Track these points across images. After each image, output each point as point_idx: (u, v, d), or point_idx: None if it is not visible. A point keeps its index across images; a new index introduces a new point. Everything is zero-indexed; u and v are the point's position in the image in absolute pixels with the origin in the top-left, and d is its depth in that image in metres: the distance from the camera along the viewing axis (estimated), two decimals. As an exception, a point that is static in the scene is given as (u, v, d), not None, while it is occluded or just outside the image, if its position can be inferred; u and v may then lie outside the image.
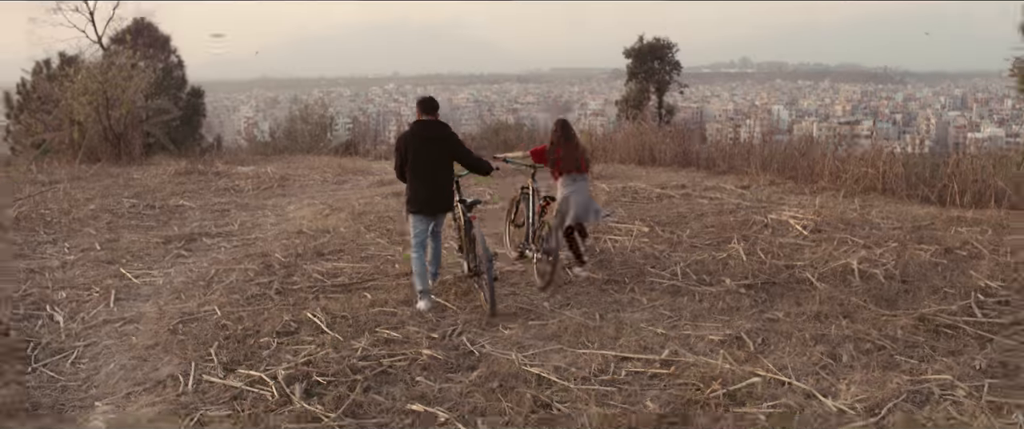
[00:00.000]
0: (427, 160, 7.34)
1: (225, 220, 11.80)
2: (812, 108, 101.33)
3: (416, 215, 7.48)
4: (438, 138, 7.43)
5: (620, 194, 13.23)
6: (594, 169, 16.44)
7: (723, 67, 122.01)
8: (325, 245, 9.86)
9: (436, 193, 7.42)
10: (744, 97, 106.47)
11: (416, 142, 7.36)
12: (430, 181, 7.37)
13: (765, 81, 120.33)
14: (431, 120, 7.48)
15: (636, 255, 9.18)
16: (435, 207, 7.47)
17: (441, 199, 7.47)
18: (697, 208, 12.08)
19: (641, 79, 41.90)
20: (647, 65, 41.77)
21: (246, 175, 17.01)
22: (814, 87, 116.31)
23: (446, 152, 7.45)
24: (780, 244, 9.66)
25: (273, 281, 8.19)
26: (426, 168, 7.34)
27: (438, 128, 7.50)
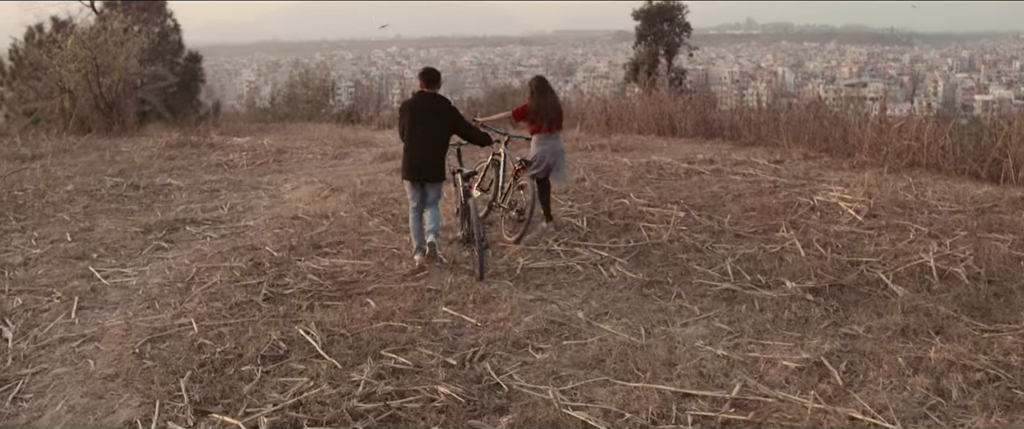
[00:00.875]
0: (421, 131, 7.46)
1: (214, 203, 10.61)
2: (818, 70, 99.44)
3: (407, 181, 7.70)
4: (436, 111, 7.54)
5: (645, 170, 12.01)
6: (612, 140, 15.22)
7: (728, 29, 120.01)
8: (323, 235, 8.67)
9: (424, 163, 7.49)
10: (750, 59, 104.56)
11: (414, 112, 7.52)
12: (420, 151, 7.48)
13: (771, 43, 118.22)
14: (431, 93, 7.61)
15: (675, 247, 7.99)
16: (422, 175, 7.54)
17: (429, 169, 7.52)
18: (732, 187, 10.87)
19: (650, 42, 40.48)
20: (656, 27, 40.29)
21: (241, 147, 15.79)
22: (820, 49, 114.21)
23: (442, 125, 7.55)
24: (835, 233, 8.47)
25: (262, 283, 7.02)
26: (419, 138, 7.47)
27: (437, 101, 7.61)
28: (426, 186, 7.60)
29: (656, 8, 39.73)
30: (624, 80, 44.89)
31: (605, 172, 11.98)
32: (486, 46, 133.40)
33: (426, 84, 7.58)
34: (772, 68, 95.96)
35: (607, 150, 14.29)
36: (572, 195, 10.36)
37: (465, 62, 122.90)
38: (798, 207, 9.61)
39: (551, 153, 8.63)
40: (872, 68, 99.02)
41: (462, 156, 8.67)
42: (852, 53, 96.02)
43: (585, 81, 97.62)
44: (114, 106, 21.67)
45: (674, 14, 40.20)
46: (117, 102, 22.20)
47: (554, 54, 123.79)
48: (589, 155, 13.81)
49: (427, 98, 7.57)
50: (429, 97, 7.57)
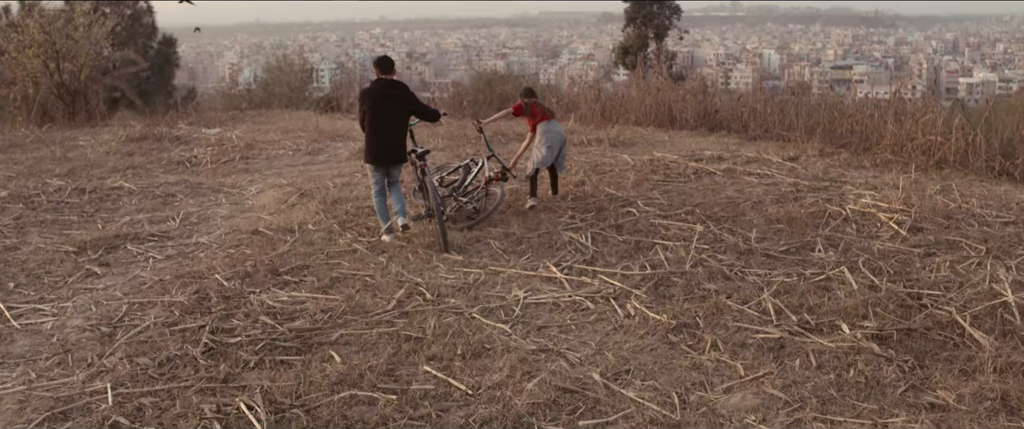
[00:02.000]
0: (385, 117, 7.67)
1: (166, 212, 9.23)
2: (803, 52, 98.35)
3: (371, 166, 7.87)
4: (395, 96, 7.73)
5: (650, 170, 10.71)
6: (610, 133, 13.91)
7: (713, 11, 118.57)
8: (285, 257, 7.33)
9: (390, 147, 7.73)
10: (735, 41, 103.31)
11: (375, 99, 7.68)
12: (385, 136, 7.69)
13: (756, 24, 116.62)
14: (388, 79, 7.78)
15: (700, 274, 6.70)
16: (387, 159, 7.80)
17: (393, 152, 7.77)
18: (749, 191, 9.60)
19: (639, 24, 39.17)
20: (646, 9, 38.98)
21: (208, 141, 14.38)
22: (805, 31, 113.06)
23: (402, 109, 7.79)
24: (879, 252, 7.22)
25: (204, 328, 5.67)
26: (383, 124, 7.67)
27: (395, 87, 7.80)
28: (391, 168, 7.89)
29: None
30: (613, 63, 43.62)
31: (606, 172, 10.68)
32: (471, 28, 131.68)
33: (382, 71, 7.81)
34: (757, 50, 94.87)
35: (605, 145, 12.98)
36: (572, 202, 9.06)
37: (450, 44, 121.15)
38: (829, 217, 8.35)
39: (558, 140, 9.07)
40: (857, 50, 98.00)
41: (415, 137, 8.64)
42: (837, 35, 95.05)
43: (570, 63, 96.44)
44: (77, 95, 20.17)
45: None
46: (82, 90, 20.72)
47: (539, 36, 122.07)
48: (586, 151, 12.51)
49: (385, 85, 7.74)
50: (387, 83, 7.75)
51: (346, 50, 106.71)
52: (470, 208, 8.58)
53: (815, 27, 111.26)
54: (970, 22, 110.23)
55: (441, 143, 13.51)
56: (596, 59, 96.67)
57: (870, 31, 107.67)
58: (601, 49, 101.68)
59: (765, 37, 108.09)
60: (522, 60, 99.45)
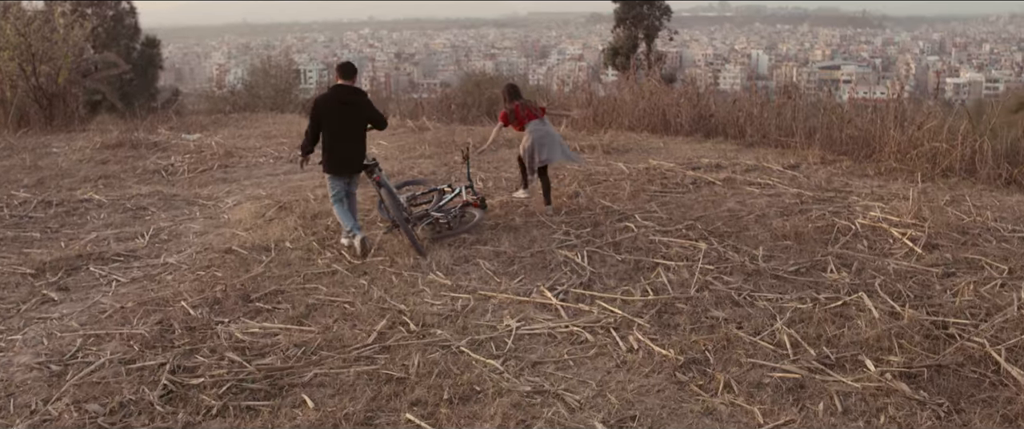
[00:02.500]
0: (344, 123, 7.41)
1: (135, 228, 8.65)
2: (791, 53, 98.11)
3: (333, 176, 7.59)
4: (355, 103, 7.47)
5: (646, 180, 10.19)
6: (603, 139, 13.40)
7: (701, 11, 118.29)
8: (259, 279, 6.78)
9: (351, 155, 7.51)
10: (723, 41, 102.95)
11: (334, 106, 7.39)
12: (348, 144, 7.47)
13: (744, 25, 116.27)
14: (348, 85, 7.49)
15: (706, 299, 6.18)
16: (350, 168, 7.60)
17: (356, 160, 7.59)
18: (751, 203, 9.11)
19: (629, 25, 38.68)
20: (636, 10, 38.49)
21: (186, 148, 13.79)
22: (793, 31, 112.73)
23: (362, 116, 7.54)
24: (896, 272, 6.72)
25: (164, 367, 5.11)
26: (342, 131, 7.42)
27: (354, 93, 7.52)
28: (352, 178, 7.70)
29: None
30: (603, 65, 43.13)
31: (601, 182, 10.17)
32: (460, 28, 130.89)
33: (343, 77, 7.50)
34: (746, 51, 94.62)
35: (598, 152, 12.47)
36: (566, 216, 8.54)
37: (438, 44, 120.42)
38: (838, 233, 7.85)
39: (549, 138, 8.71)
40: (845, 51, 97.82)
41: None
42: (825, 35, 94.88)
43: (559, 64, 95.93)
44: (55, 98, 19.54)
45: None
46: (61, 93, 20.08)
47: (528, 36, 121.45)
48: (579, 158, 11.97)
49: (347, 91, 7.46)
50: (347, 90, 7.47)
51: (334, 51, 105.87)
52: (442, 223, 8.11)
53: (803, 27, 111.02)
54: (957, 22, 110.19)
55: (428, 149, 12.97)
56: (585, 60, 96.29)
57: (857, 31, 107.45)
58: (590, 50, 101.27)
59: (753, 37, 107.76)
60: (511, 61, 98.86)
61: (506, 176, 10.68)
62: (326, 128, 7.41)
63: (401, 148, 13.27)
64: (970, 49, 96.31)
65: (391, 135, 15.04)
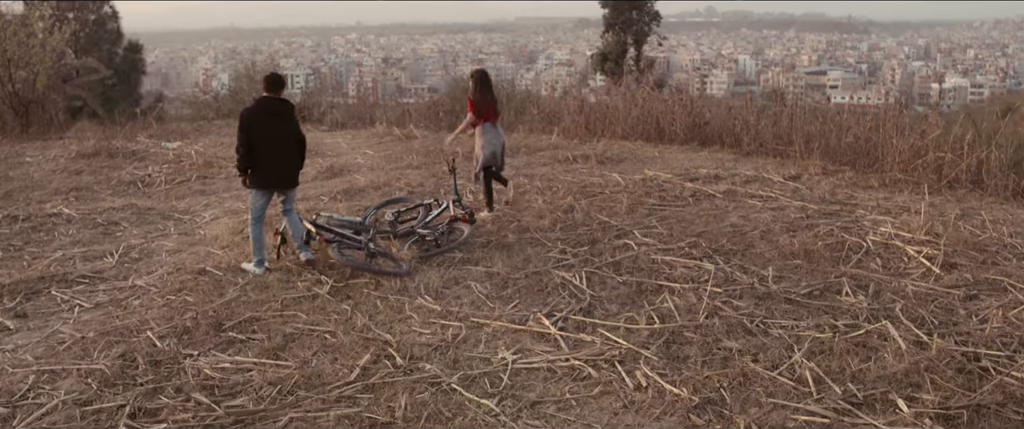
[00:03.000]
0: (275, 135, 7.07)
1: (105, 245, 8.11)
2: (778, 58, 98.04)
3: (258, 190, 7.17)
4: (284, 114, 7.19)
5: (643, 193, 9.72)
6: (596, 148, 12.93)
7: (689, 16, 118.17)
8: (233, 305, 6.26)
9: (286, 169, 7.21)
10: (710, 47, 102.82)
11: (263, 116, 7.05)
12: (279, 157, 7.12)
13: (731, 30, 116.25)
14: (276, 97, 7.16)
15: (716, 326, 5.70)
16: (282, 183, 7.26)
17: (288, 174, 7.25)
18: (755, 217, 8.65)
19: (618, 30, 38.30)
20: (625, 15, 38.15)
21: (165, 157, 13.24)
22: (779, 37, 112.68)
23: (291, 129, 7.22)
24: (916, 295, 6.27)
25: (123, 409, 4.59)
26: (273, 143, 7.06)
27: (284, 105, 7.23)
28: (286, 193, 7.31)
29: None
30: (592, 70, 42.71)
31: (596, 195, 9.69)
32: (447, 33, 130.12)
33: (269, 89, 7.13)
34: (733, 56, 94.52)
35: (592, 162, 12.00)
36: (562, 232, 8.06)
37: (426, 49, 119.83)
38: (849, 250, 7.40)
39: (500, 144, 8.69)
40: (831, 56, 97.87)
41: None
42: (811, 41, 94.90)
43: (547, 69, 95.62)
44: (32, 105, 18.95)
45: (643, 2, 38.04)
46: (40, 100, 19.48)
47: (516, 41, 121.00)
48: (573, 169, 11.51)
49: (274, 103, 7.12)
50: (276, 102, 7.13)
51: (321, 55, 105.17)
52: (429, 240, 7.65)
53: (789, 33, 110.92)
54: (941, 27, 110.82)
55: (415, 159, 12.47)
56: (574, 65, 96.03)
57: (843, 36, 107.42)
58: (578, 55, 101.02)
59: (740, 42, 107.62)
60: (499, 65, 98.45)
61: (497, 189, 10.18)
62: (256, 141, 7.00)
63: (388, 158, 12.76)
64: (955, 54, 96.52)
65: (378, 144, 14.55)
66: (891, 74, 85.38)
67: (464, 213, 7.97)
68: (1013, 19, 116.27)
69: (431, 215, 8.07)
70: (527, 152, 13.04)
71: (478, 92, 8.60)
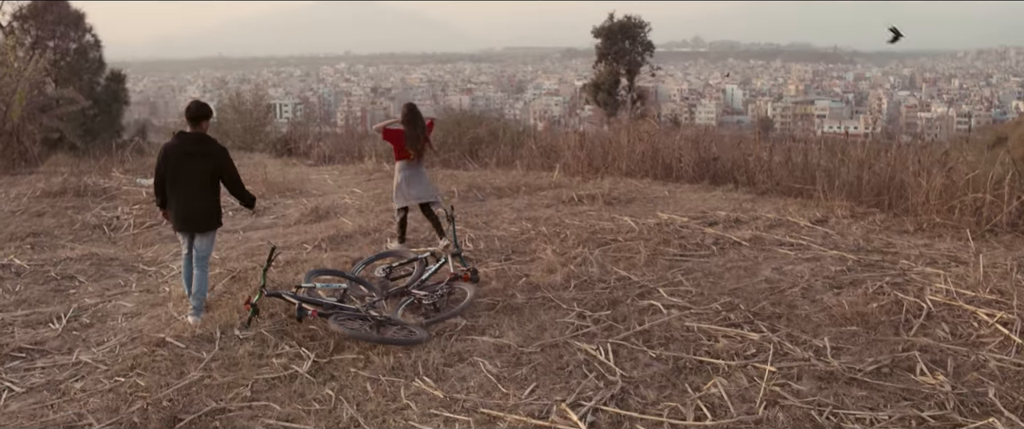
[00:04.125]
0: (184, 174, 6.40)
1: (54, 306, 7.01)
2: (765, 88, 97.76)
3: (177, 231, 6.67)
4: (200, 153, 6.39)
5: (660, 240, 8.70)
6: (602, 188, 11.93)
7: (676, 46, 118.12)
8: (194, 391, 5.16)
9: (193, 212, 6.46)
10: (698, 76, 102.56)
11: (175, 157, 6.39)
12: (186, 199, 6.43)
13: (718, 60, 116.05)
14: (196, 133, 6.44)
15: (780, 422, 4.65)
16: (191, 227, 6.52)
17: (198, 219, 6.49)
18: (789, 270, 7.64)
19: (611, 61, 37.63)
20: (617, 45, 37.52)
21: (138, 195, 12.16)
22: (767, 66, 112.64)
23: (207, 168, 6.42)
24: (1003, 373, 5.25)
25: None
26: (182, 185, 6.41)
27: (202, 143, 6.43)
28: (196, 237, 6.53)
29: (618, 25, 36.79)
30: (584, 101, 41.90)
31: (610, 243, 8.67)
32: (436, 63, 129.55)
33: (190, 122, 6.43)
34: (720, 86, 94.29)
35: (599, 203, 11.00)
36: (577, 291, 7.02)
37: (415, 79, 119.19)
38: (908, 313, 6.39)
39: (418, 183, 8.43)
40: (818, 86, 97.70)
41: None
42: (798, 71, 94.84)
43: (535, 98, 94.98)
44: (4, 136, 17.87)
45: (636, 32, 37.41)
46: (14, 131, 18.42)
47: (504, 71, 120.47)
48: (579, 211, 10.49)
49: (191, 139, 6.39)
50: (193, 138, 6.40)
51: (310, 85, 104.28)
52: (427, 304, 6.53)
53: (776, 63, 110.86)
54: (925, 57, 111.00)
55: (408, 200, 11.41)
56: (561, 94, 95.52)
57: (829, 66, 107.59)
58: (566, 84, 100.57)
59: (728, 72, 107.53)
60: (487, 95, 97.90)
61: (499, 235, 9.16)
62: (170, 179, 6.43)
63: (377, 198, 11.72)
64: (940, 84, 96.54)
65: (366, 181, 13.53)
66: (878, 104, 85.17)
67: (466, 270, 6.88)
68: (995, 49, 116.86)
69: (428, 272, 7.01)
70: (528, 192, 12.03)
71: (408, 127, 8.36)
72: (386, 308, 6.42)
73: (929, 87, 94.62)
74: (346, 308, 6.07)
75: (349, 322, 5.83)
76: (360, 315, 5.97)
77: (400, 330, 5.88)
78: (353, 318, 5.90)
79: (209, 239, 6.60)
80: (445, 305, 6.47)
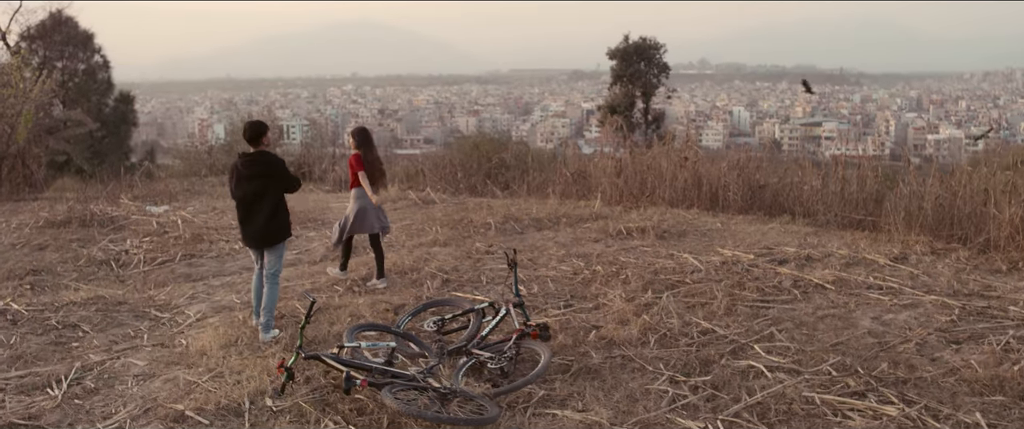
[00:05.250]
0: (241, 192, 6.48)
1: (54, 364, 6.00)
2: (772, 109, 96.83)
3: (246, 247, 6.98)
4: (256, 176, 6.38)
5: (733, 282, 7.71)
6: (651, 220, 10.93)
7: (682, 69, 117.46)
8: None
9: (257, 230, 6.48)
10: (704, 98, 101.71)
11: (236, 172, 6.50)
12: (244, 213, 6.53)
13: (724, 82, 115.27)
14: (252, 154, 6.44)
15: None
16: (257, 244, 6.55)
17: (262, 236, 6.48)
18: (891, 320, 6.66)
19: (626, 82, 36.79)
20: (633, 67, 36.67)
21: (149, 226, 11.18)
22: (772, 88, 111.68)
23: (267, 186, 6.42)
24: None
25: None
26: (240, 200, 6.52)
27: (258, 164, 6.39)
28: (265, 252, 6.58)
29: (632, 46, 35.92)
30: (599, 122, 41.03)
31: (678, 286, 7.67)
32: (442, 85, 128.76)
33: (249, 144, 6.50)
34: (727, 107, 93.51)
35: (651, 237, 9.99)
36: (659, 347, 6.01)
37: (421, 101, 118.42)
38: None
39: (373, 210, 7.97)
40: (824, 107, 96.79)
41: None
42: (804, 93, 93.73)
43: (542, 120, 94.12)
44: (8, 160, 16.95)
45: (652, 53, 36.58)
46: (19, 154, 17.50)
47: (511, 93, 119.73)
48: (630, 246, 9.49)
49: (249, 160, 6.44)
50: (250, 158, 6.44)
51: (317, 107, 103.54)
52: (494, 368, 5.43)
53: (782, 85, 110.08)
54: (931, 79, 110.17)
55: (441, 232, 10.43)
56: (568, 116, 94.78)
57: (836, 88, 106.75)
58: (573, 106, 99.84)
59: (734, 94, 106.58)
60: (494, 117, 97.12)
61: (550, 275, 8.16)
62: (234, 198, 6.58)
63: (408, 231, 10.72)
64: (947, 106, 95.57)
65: (392, 210, 12.53)
66: (885, 125, 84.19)
67: (534, 327, 5.80)
68: (1002, 70, 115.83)
69: (488, 326, 5.97)
70: (569, 223, 11.03)
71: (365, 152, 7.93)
72: (444, 372, 5.39)
73: (936, 109, 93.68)
74: (400, 375, 5.05)
75: (405, 394, 4.79)
76: (417, 384, 4.94)
77: (466, 403, 4.84)
78: (409, 388, 4.87)
79: (276, 254, 6.56)
80: (513, 369, 5.43)
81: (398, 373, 5.06)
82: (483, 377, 5.43)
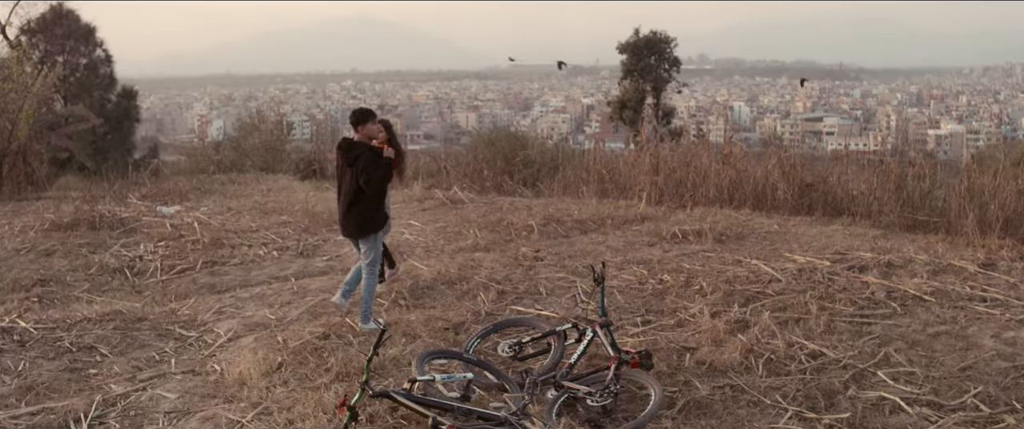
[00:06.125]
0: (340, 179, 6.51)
1: (71, 397, 5.15)
2: (772, 105, 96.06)
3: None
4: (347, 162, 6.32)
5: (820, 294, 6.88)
6: (704, 222, 10.09)
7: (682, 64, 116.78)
8: None
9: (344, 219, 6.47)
10: (705, 93, 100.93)
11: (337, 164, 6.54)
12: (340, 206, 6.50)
13: (724, 78, 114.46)
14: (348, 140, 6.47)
15: None
16: (346, 233, 6.61)
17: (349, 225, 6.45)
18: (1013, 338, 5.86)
19: (636, 77, 35.98)
20: (643, 61, 35.87)
21: (162, 228, 10.31)
22: (772, 84, 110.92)
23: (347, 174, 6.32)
24: None
25: None
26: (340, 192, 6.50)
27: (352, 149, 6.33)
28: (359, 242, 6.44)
29: (643, 41, 35.11)
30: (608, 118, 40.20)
31: (760, 299, 6.83)
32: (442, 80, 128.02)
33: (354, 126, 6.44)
34: (727, 103, 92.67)
35: (708, 240, 9.16)
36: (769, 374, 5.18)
37: (421, 96, 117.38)
38: None
39: None
40: (825, 103, 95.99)
41: None
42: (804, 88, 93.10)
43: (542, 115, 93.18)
44: (9, 157, 16.07)
45: (662, 47, 35.79)
46: (20, 151, 16.61)
47: (511, 88, 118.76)
48: (689, 251, 8.64)
49: (343, 147, 6.39)
50: (345, 146, 6.40)
51: (317, 102, 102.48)
52: (593, 405, 4.59)
53: (782, 80, 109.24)
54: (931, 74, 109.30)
55: (480, 235, 9.57)
56: (568, 111, 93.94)
57: (836, 84, 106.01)
58: (573, 102, 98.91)
59: (734, 90, 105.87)
60: (494, 112, 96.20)
61: (615, 285, 7.31)
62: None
63: (442, 233, 9.87)
64: (947, 101, 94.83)
65: (421, 211, 11.68)
66: (886, 120, 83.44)
67: (634, 355, 4.93)
68: (1002, 66, 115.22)
69: (577, 352, 5.11)
70: (614, 225, 10.20)
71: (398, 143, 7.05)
72: (533, 411, 4.55)
73: (937, 104, 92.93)
74: (489, 417, 4.21)
75: None
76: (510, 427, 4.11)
77: None
78: None
79: (369, 244, 6.39)
80: (615, 407, 4.57)
81: (487, 414, 4.23)
82: (579, 416, 4.58)
